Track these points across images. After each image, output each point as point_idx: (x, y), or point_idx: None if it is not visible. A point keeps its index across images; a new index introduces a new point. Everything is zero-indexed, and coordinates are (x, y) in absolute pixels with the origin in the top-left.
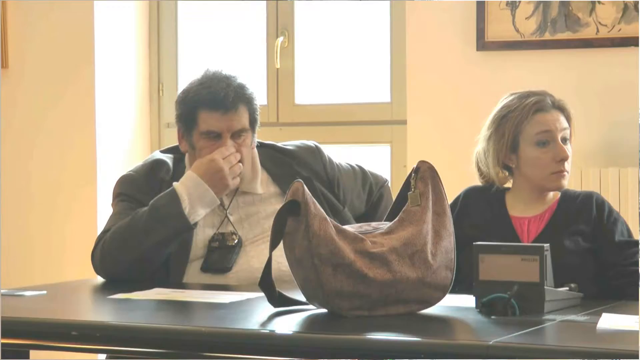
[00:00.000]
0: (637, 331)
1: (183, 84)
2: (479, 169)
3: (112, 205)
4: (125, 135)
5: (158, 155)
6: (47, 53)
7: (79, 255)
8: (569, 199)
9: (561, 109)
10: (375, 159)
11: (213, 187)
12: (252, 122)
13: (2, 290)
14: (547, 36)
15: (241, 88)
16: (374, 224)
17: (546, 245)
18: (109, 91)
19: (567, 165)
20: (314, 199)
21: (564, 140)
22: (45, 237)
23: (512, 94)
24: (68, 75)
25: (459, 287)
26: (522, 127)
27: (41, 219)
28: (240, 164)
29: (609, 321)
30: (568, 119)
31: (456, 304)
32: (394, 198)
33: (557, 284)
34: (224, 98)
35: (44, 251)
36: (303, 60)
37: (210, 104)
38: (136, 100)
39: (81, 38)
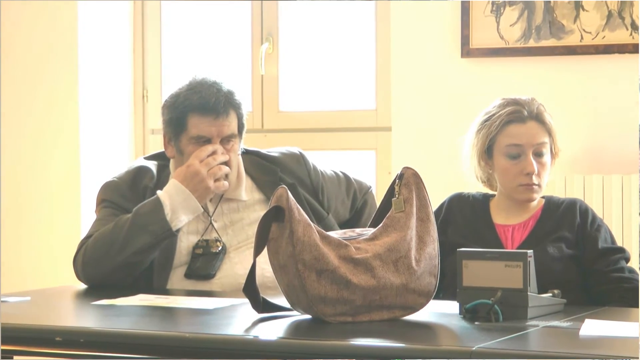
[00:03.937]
0: (620, 337)
1: (168, 90)
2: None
3: (96, 211)
4: (109, 142)
5: (142, 162)
6: (30, 58)
7: (62, 261)
8: (552, 205)
9: (540, 121)
10: (359, 165)
11: (194, 192)
12: (240, 127)
13: None
14: (532, 43)
15: (231, 94)
16: (358, 230)
17: (530, 252)
18: (93, 97)
19: (537, 178)
20: (298, 205)
21: (538, 153)
22: (29, 243)
23: (502, 99)
24: (51, 81)
25: (443, 293)
26: (494, 136)
27: (24, 225)
28: (225, 167)
29: (592, 327)
30: (549, 131)
31: (440, 310)
32: (378, 204)
33: (541, 290)
34: (215, 103)
35: (28, 257)
36: (288, 67)
37: (201, 109)
38: (120, 107)
39: (65, 44)
